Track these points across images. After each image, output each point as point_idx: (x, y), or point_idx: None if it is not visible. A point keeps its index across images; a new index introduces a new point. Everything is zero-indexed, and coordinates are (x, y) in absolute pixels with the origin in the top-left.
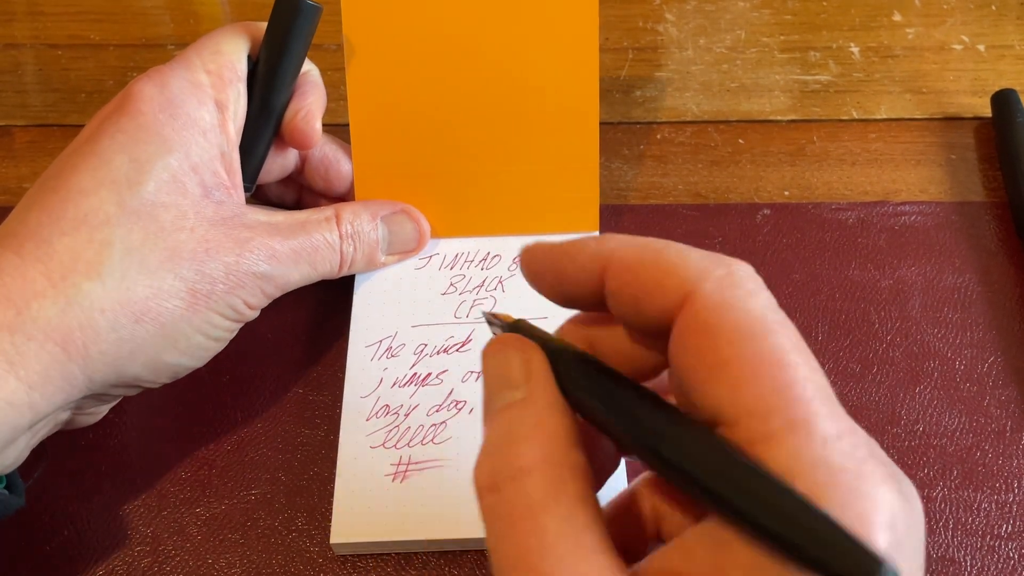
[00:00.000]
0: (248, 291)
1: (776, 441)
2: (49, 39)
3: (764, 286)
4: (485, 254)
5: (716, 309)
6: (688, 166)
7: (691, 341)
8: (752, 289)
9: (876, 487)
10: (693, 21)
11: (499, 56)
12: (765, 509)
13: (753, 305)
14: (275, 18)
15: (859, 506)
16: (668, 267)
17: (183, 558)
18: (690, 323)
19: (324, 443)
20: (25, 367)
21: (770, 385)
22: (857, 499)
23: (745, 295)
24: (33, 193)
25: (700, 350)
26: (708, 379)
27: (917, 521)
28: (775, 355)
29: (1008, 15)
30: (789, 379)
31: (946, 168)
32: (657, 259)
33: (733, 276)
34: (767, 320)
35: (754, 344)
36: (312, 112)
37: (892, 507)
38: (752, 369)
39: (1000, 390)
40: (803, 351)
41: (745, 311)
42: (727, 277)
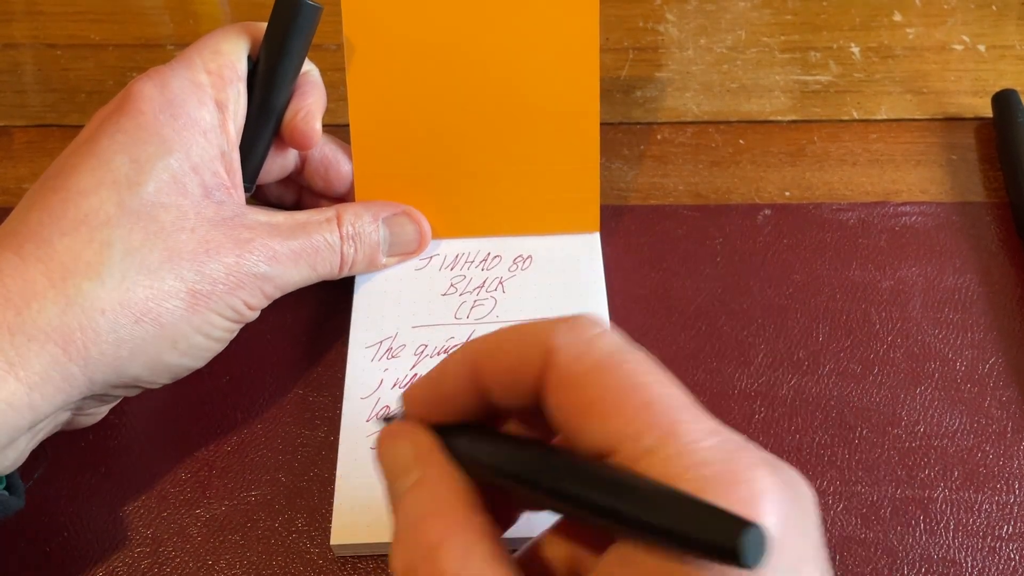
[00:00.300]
0: (248, 292)
1: (652, 455)
2: (48, 39)
3: (608, 328)
4: (485, 255)
5: (572, 361)
6: (689, 166)
7: (559, 395)
8: (597, 334)
9: (750, 471)
10: (693, 21)
11: (499, 56)
12: (652, 512)
13: (602, 347)
14: (275, 18)
15: (738, 491)
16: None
17: (183, 559)
18: (554, 380)
19: (324, 444)
20: (25, 368)
21: (633, 410)
22: (734, 485)
23: (593, 340)
24: (33, 193)
25: (568, 399)
26: (582, 421)
27: (802, 503)
28: (630, 383)
29: (1008, 15)
30: (647, 400)
31: (947, 168)
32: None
33: (578, 327)
34: (616, 356)
35: (610, 379)
36: (312, 112)
37: (768, 487)
38: (614, 401)
39: (1001, 391)
40: (656, 373)
41: (596, 354)
42: (573, 328)
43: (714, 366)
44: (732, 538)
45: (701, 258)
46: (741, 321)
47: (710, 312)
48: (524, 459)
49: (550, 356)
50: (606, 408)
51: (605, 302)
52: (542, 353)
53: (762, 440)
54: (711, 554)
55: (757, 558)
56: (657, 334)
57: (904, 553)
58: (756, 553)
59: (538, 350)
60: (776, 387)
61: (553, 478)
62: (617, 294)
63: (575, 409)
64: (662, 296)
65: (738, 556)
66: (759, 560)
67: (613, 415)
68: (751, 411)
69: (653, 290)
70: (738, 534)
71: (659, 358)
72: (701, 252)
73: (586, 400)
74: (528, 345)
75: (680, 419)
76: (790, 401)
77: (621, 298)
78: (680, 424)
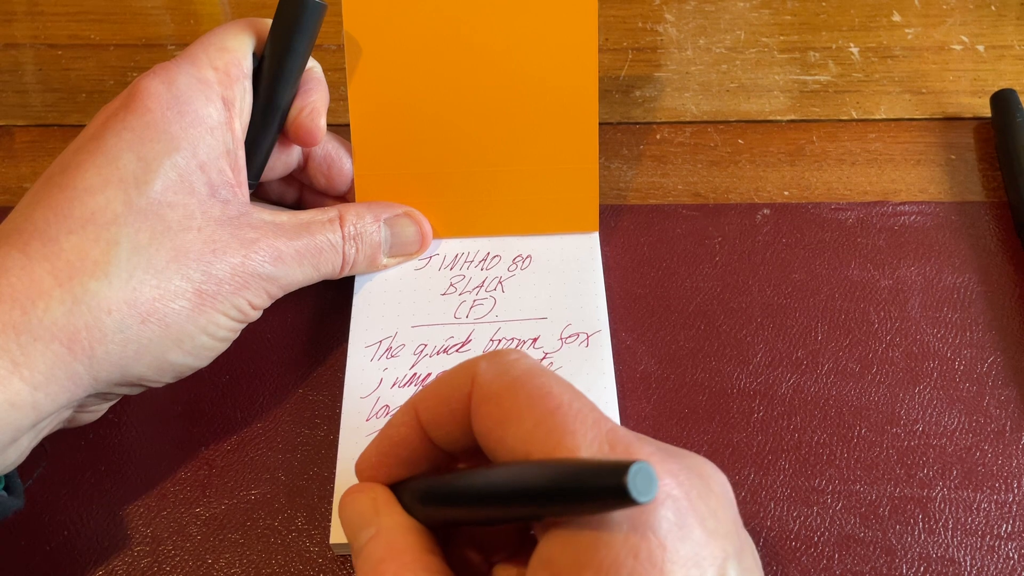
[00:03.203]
0: (253, 292)
1: (557, 452)
2: (49, 39)
3: (527, 356)
4: (485, 254)
5: (491, 381)
6: (688, 166)
7: (481, 411)
8: (514, 359)
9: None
10: (693, 21)
11: (499, 56)
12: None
13: (517, 368)
14: (280, 15)
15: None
16: (453, 376)
17: (183, 558)
18: (477, 399)
19: (324, 443)
20: (30, 367)
21: (541, 415)
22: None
23: (510, 364)
24: (38, 190)
25: (488, 413)
26: (501, 432)
27: (705, 482)
28: (539, 394)
29: (1008, 15)
30: (554, 407)
31: (946, 168)
32: (444, 379)
33: (498, 355)
34: (529, 374)
35: (523, 392)
36: (317, 109)
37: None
38: (526, 409)
39: (1000, 390)
40: (565, 386)
41: (512, 374)
42: (494, 356)
43: (713, 365)
44: (618, 477)
45: (700, 257)
46: (740, 320)
47: (709, 311)
48: (446, 483)
49: (474, 380)
50: (520, 415)
51: (604, 301)
52: (468, 381)
53: (761, 439)
54: (604, 499)
55: (647, 492)
56: (656, 333)
57: (903, 552)
58: (645, 488)
59: (465, 379)
60: (775, 386)
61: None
62: (616, 293)
63: (494, 421)
64: (661, 295)
65: (627, 492)
66: (649, 494)
67: (525, 421)
68: (750, 410)
69: (652, 289)
70: (623, 473)
71: (658, 357)
72: (700, 251)
73: (502, 411)
74: (457, 377)
75: (583, 420)
76: (789, 400)
77: (620, 297)
78: (583, 424)
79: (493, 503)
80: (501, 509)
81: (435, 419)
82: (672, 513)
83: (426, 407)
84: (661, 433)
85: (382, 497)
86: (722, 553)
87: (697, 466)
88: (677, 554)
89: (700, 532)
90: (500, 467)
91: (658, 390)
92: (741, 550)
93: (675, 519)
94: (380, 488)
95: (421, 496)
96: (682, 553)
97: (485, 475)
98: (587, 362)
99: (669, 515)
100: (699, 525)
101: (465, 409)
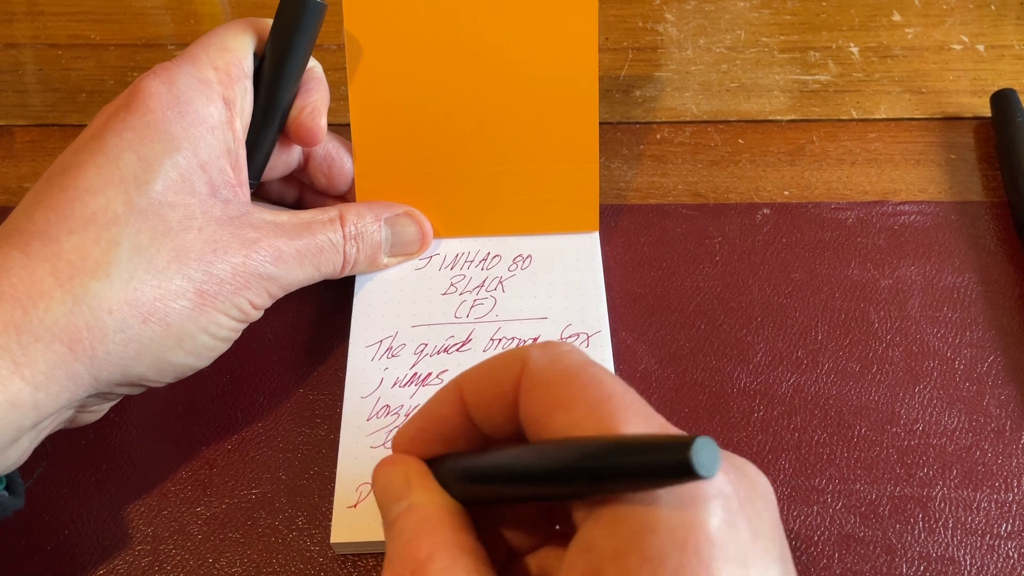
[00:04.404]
0: (254, 292)
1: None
2: (49, 39)
3: (579, 348)
4: (485, 254)
5: (543, 368)
6: (688, 166)
7: (531, 396)
8: (567, 350)
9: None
10: (693, 21)
11: (499, 56)
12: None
13: (569, 358)
14: (281, 15)
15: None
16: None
17: (183, 557)
18: (527, 385)
19: (325, 442)
20: (31, 367)
21: (593, 402)
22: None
23: (561, 354)
24: (39, 190)
25: (538, 399)
26: (550, 418)
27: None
28: (592, 383)
29: (1008, 15)
30: (606, 395)
31: (945, 168)
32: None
33: (550, 344)
34: (581, 365)
35: (575, 380)
36: (317, 109)
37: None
38: (578, 396)
39: (1000, 389)
40: (616, 379)
41: (564, 362)
42: (546, 346)
43: (713, 365)
44: (683, 450)
45: (700, 257)
46: (740, 320)
47: (709, 311)
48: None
49: (525, 366)
50: (571, 401)
51: (604, 301)
52: (519, 366)
53: (761, 438)
54: (667, 473)
55: (711, 468)
56: (656, 333)
57: (903, 551)
58: (709, 463)
59: (516, 364)
60: (775, 385)
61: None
62: (616, 293)
63: (543, 407)
64: (661, 295)
65: (691, 465)
66: (712, 470)
67: (576, 408)
68: (750, 409)
69: (652, 289)
70: (688, 446)
71: (658, 357)
72: (700, 251)
73: (553, 398)
74: (507, 361)
75: (636, 412)
76: (789, 399)
77: (620, 297)
78: (635, 415)
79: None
80: (551, 486)
81: (480, 400)
82: (722, 510)
83: (472, 388)
84: None
85: (416, 470)
86: (767, 555)
87: (743, 467)
88: (725, 551)
89: (748, 532)
90: (554, 442)
91: (658, 390)
92: (784, 556)
93: (725, 516)
94: (415, 461)
95: (461, 473)
96: (730, 551)
97: (537, 449)
98: None
99: (719, 511)
100: (747, 525)
101: (513, 393)
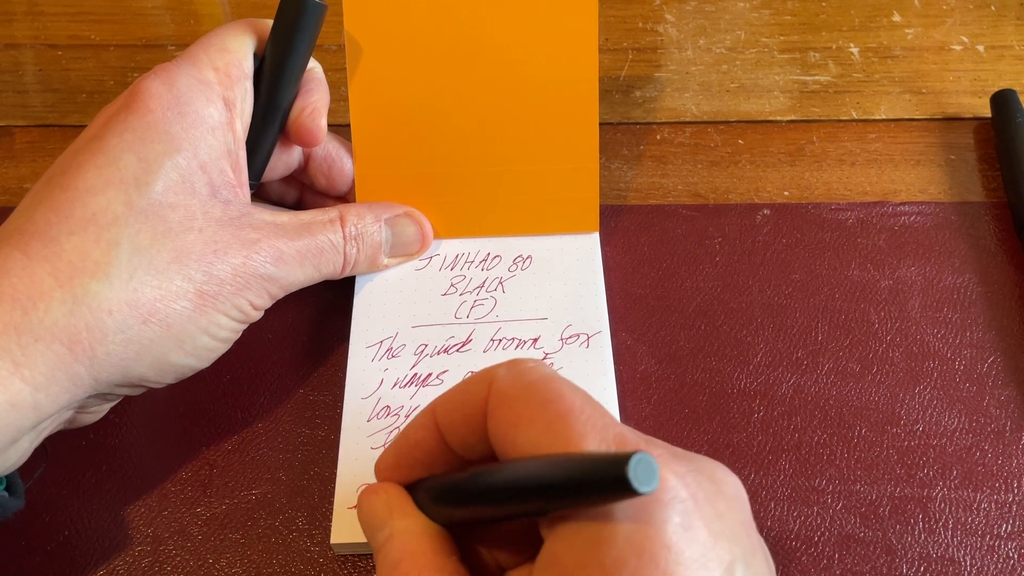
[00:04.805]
0: (254, 292)
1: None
2: (49, 39)
3: (544, 364)
4: (485, 255)
5: (507, 386)
6: (688, 166)
7: (496, 414)
8: (531, 366)
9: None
10: (693, 22)
11: (499, 57)
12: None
13: (533, 374)
14: (281, 15)
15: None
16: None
17: (184, 558)
18: (493, 403)
19: (325, 443)
20: (31, 368)
21: (553, 417)
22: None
23: (526, 370)
24: (39, 190)
25: (503, 416)
26: (514, 434)
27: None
28: (553, 398)
29: (1008, 15)
30: (566, 410)
31: (945, 168)
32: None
33: (516, 362)
34: (544, 380)
35: (537, 396)
36: (318, 109)
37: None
38: (539, 412)
39: (1000, 390)
40: (578, 392)
41: (527, 379)
42: (512, 364)
43: (713, 365)
44: (619, 467)
45: (700, 258)
46: (740, 320)
47: (709, 311)
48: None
49: (491, 385)
50: (531, 419)
51: (604, 302)
52: (486, 386)
53: (761, 439)
54: (607, 490)
55: (648, 483)
56: (656, 333)
57: (903, 551)
58: (646, 478)
59: (483, 384)
60: (775, 386)
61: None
62: (616, 294)
63: (507, 425)
64: (661, 295)
65: (628, 481)
66: (650, 485)
67: (536, 424)
68: (750, 410)
69: (652, 290)
70: (624, 463)
71: (658, 357)
72: (700, 252)
73: (515, 415)
74: (476, 382)
75: (593, 425)
76: (789, 400)
77: (620, 298)
78: (592, 428)
79: (500, 499)
80: (508, 505)
81: (453, 423)
82: (678, 515)
83: (445, 411)
84: (661, 433)
85: (396, 498)
86: (729, 556)
87: (708, 469)
88: (682, 555)
89: (706, 534)
90: (508, 463)
91: (658, 390)
92: (751, 553)
93: (681, 521)
94: (394, 489)
95: (434, 495)
96: (687, 555)
97: (493, 471)
98: (587, 362)
99: (675, 517)
100: (705, 527)
101: (482, 414)
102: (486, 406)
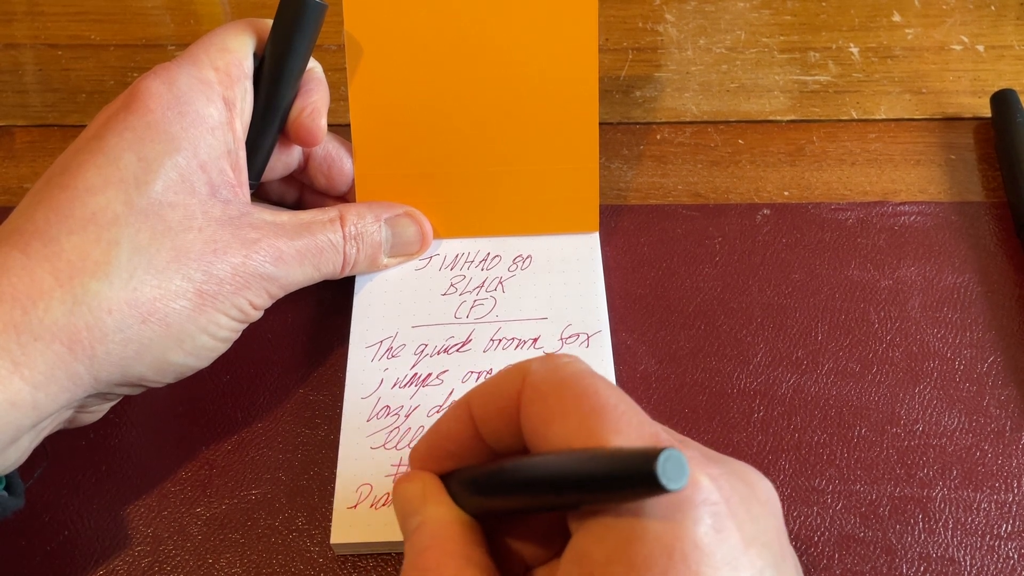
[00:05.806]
0: (254, 292)
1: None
2: (49, 39)
3: (580, 359)
4: (485, 255)
5: (541, 381)
6: (688, 166)
7: (530, 408)
8: (566, 361)
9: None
10: (693, 21)
11: (499, 56)
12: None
13: (567, 369)
14: (281, 15)
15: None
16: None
17: (183, 558)
18: (526, 397)
19: (324, 443)
20: (30, 367)
21: (587, 413)
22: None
23: (560, 366)
24: (39, 190)
25: (536, 410)
26: (547, 428)
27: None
28: (587, 394)
29: (1007, 15)
30: (600, 406)
31: (945, 168)
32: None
33: (551, 357)
34: (578, 375)
35: (570, 392)
36: (317, 109)
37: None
38: (572, 408)
39: (1000, 390)
40: (612, 389)
41: (561, 374)
42: (547, 359)
43: (713, 365)
44: (648, 463)
45: (700, 258)
46: (740, 320)
47: (709, 311)
48: (490, 471)
49: (525, 379)
50: (565, 414)
51: (604, 302)
52: (520, 379)
53: (761, 439)
54: (635, 486)
55: (677, 480)
56: (656, 333)
57: (903, 551)
58: (675, 475)
59: (518, 377)
60: (775, 386)
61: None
62: (616, 294)
63: (540, 419)
64: (661, 295)
65: (656, 478)
66: (679, 482)
67: (570, 419)
68: (750, 410)
69: (652, 289)
70: (653, 459)
71: (658, 357)
72: (700, 252)
73: (549, 409)
74: (510, 375)
75: (628, 421)
76: (789, 400)
77: (620, 298)
78: (626, 424)
79: (531, 491)
80: (539, 497)
81: (487, 415)
82: (710, 516)
83: (479, 402)
84: None
85: (431, 486)
86: (760, 561)
87: (742, 472)
88: (712, 557)
89: (738, 538)
90: (540, 456)
91: (658, 390)
92: (782, 559)
93: (712, 523)
94: (430, 477)
95: (467, 485)
96: (718, 557)
97: (525, 463)
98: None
99: (707, 518)
100: (737, 530)
101: (515, 407)
102: (520, 399)
